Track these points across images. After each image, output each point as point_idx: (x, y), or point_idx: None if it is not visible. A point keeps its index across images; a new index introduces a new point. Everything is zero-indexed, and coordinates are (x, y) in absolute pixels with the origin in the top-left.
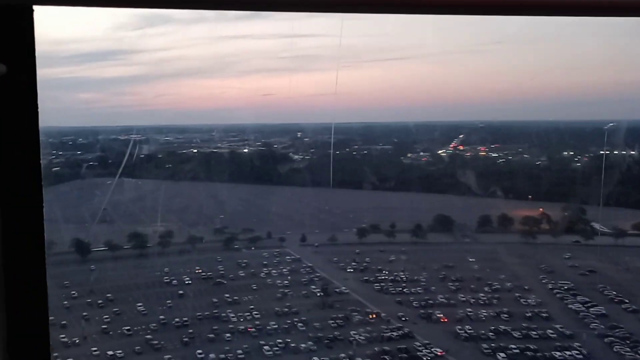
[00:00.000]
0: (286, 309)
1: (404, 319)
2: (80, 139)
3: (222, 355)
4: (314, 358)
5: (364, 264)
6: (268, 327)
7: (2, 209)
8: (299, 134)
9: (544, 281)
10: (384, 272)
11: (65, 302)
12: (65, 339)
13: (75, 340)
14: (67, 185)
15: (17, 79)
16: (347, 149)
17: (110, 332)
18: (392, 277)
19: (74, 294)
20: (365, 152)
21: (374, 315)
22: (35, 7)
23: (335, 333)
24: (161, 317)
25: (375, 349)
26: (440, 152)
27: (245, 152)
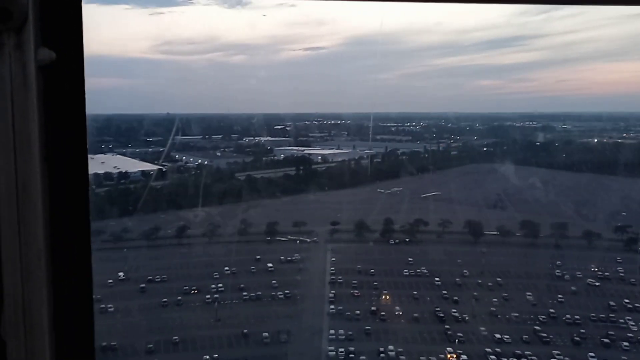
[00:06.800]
0: None
1: None
2: (477, 124)
3: None
4: None
5: None
6: None
7: (50, 194)
8: None
9: None
10: None
11: (457, 279)
12: (456, 314)
13: (465, 317)
14: (459, 169)
15: (66, 66)
16: None
17: (498, 316)
18: None
19: (465, 272)
20: None
21: None
22: None
23: None
24: (551, 310)
25: None
26: None
27: None
